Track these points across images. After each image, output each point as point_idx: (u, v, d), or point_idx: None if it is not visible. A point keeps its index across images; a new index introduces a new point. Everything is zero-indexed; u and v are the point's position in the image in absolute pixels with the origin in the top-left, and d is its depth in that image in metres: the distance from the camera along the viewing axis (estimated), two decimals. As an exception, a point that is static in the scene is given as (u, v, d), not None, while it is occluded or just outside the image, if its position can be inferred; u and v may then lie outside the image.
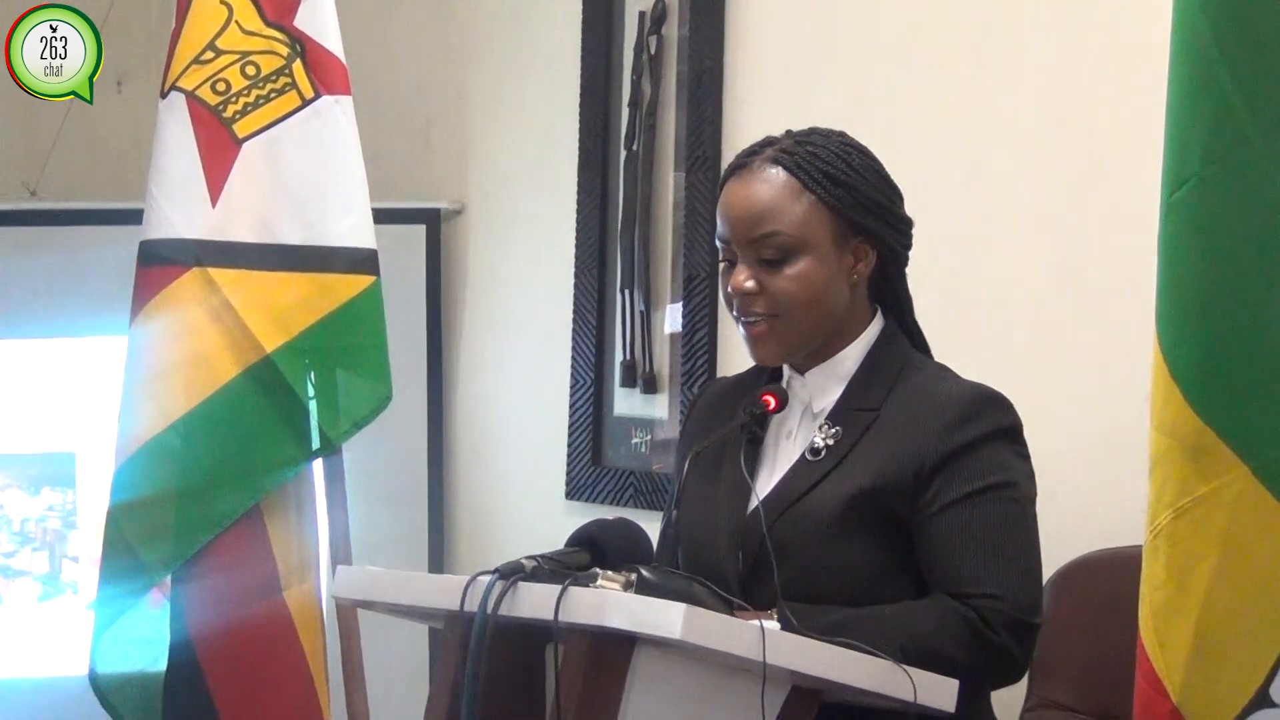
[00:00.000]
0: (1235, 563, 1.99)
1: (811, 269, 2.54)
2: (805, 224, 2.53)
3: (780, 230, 2.53)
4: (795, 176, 2.54)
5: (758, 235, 2.54)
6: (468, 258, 4.63)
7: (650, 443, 4.10)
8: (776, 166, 2.56)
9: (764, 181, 2.55)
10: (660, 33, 4.07)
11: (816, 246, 2.54)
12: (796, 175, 2.54)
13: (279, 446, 3.32)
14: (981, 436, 2.49)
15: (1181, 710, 2.03)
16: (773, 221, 2.53)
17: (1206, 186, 1.99)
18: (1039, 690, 3.03)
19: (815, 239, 2.54)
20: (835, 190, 2.54)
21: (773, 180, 2.55)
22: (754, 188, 2.55)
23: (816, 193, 2.54)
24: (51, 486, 4.40)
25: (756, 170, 2.57)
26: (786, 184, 2.54)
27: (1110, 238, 3.22)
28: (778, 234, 2.53)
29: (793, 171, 2.55)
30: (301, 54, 3.37)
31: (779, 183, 2.55)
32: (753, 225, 2.54)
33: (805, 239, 2.53)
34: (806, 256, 2.54)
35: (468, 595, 2.30)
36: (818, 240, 2.54)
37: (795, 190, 2.54)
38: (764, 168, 2.56)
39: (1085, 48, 3.27)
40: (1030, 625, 2.46)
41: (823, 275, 2.55)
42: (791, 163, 2.55)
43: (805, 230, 2.53)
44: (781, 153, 2.57)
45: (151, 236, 3.35)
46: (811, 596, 2.45)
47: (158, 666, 3.31)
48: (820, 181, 2.54)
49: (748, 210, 2.55)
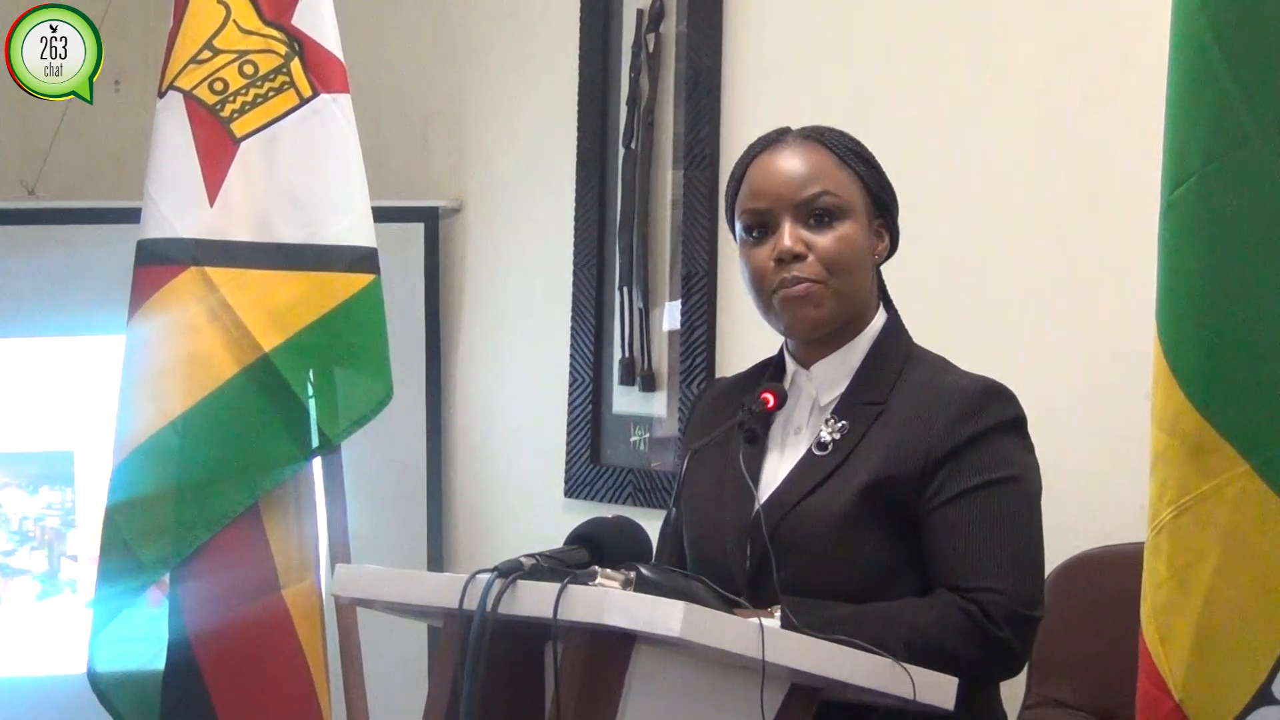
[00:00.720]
0: (1237, 560, 1.98)
1: (855, 233, 2.57)
2: (847, 189, 2.58)
3: (829, 190, 2.56)
4: (831, 150, 2.59)
5: (807, 195, 2.56)
6: (466, 256, 4.63)
7: (649, 440, 4.10)
8: (811, 140, 2.61)
9: (804, 151, 2.59)
10: (658, 30, 4.07)
11: (857, 213, 2.58)
12: (832, 149, 2.60)
13: (277, 445, 3.32)
14: (988, 429, 2.50)
15: (1184, 707, 2.03)
16: (821, 182, 2.57)
17: (1207, 184, 1.99)
18: (1038, 688, 3.03)
19: (856, 206, 2.58)
20: (866, 168, 2.60)
21: (812, 150, 2.60)
22: (796, 156, 2.59)
23: (852, 166, 2.59)
24: (50, 485, 4.40)
25: (792, 143, 2.61)
26: (825, 154, 2.59)
27: (1109, 235, 3.22)
28: (826, 193, 2.56)
29: (827, 146, 2.60)
30: (299, 52, 3.37)
31: (819, 152, 2.59)
32: (801, 186, 2.56)
33: (849, 203, 2.57)
34: (850, 220, 2.57)
35: (467, 593, 2.30)
36: (857, 208, 2.58)
37: (834, 160, 2.59)
38: (798, 141, 2.61)
39: (1083, 47, 3.28)
40: (1031, 619, 2.46)
41: (862, 243, 2.58)
42: (824, 139, 2.61)
43: (848, 195, 2.58)
44: (811, 131, 2.62)
45: (149, 236, 3.34)
46: (819, 591, 2.46)
47: (156, 665, 3.31)
48: (853, 158, 2.60)
49: (794, 173, 2.58)
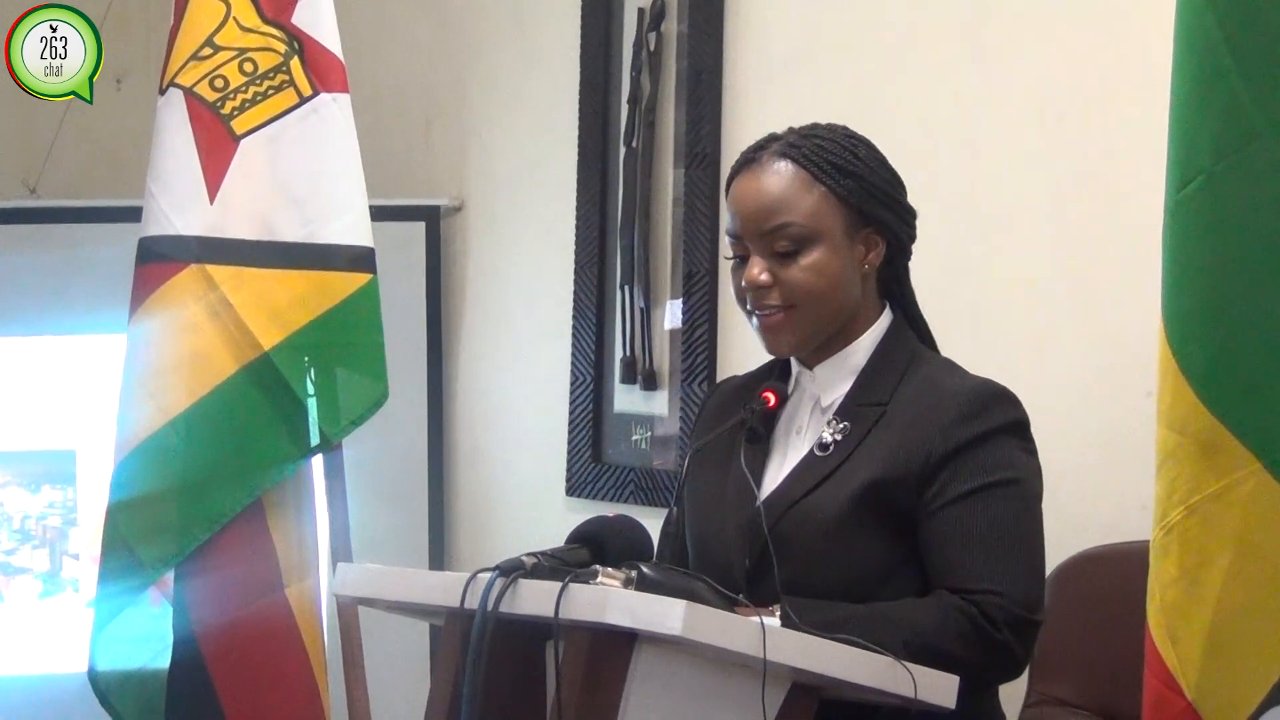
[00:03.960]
0: (1249, 559, 1.98)
1: (825, 259, 2.55)
2: (817, 215, 2.55)
3: (793, 221, 2.54)
4: (804, 169, 2.56)
5: (770, 227, 2.55)
6: (467, 255, 4.63)
7: (650, 439, 4.09)
8: (785, 160, 2.57)
9: (774, 174, 2.56)
10: (659, 29, 4.07)
11: (829, 237, 2.55)
12: (806, 167, 2.56)
13: (277, 444, 3.32)
14: (989, 431, 2.49)
15: (1196, 707, 2.03)
16: (785, 213, 2.54)
17: (1216, 182, 1.98)
18: (1039, 686, 3.03)
19: (827, 230, 2.55)
20: (844, 181, 2.56)
21: (783, 173, 2.56)
22: (764, 181, 2.57)
23: (826, 184, 2.55)
24: (52, 484, 4.39)
25: (765, 164, 2.58)
26: (796, 176, 2.56)
27: (1111, 233, 3.22)
28: (791, 225, 2.54)
29: (801, 164, 2.56)
30: (299, 51, 3.37)
31: (789, 175, 2.56)
32: (765, 218, 2.55)
33: (818, 230, 2.54)
34: (819, 247, 2.55)
35: (468, 592, 2.30)
36: (830, 231, 2.55)
37: (806, 182, 2.55)
38: (772, 161, 2.58)
39: (1087, 43, 3.27)
40: (1031, 622, 2.46)
41: (836, 265, 2.55)
42: (800, 155, 2.57)
43: (817, 221, 2.55)
44: (789, 147, 2.58)
45: (150, 234, 3.34)
46: (818, 591, 2.45)
47: (157, 664, 3.31)
48: (829, 173, 2.56)
49: (759, 203, 2.56)
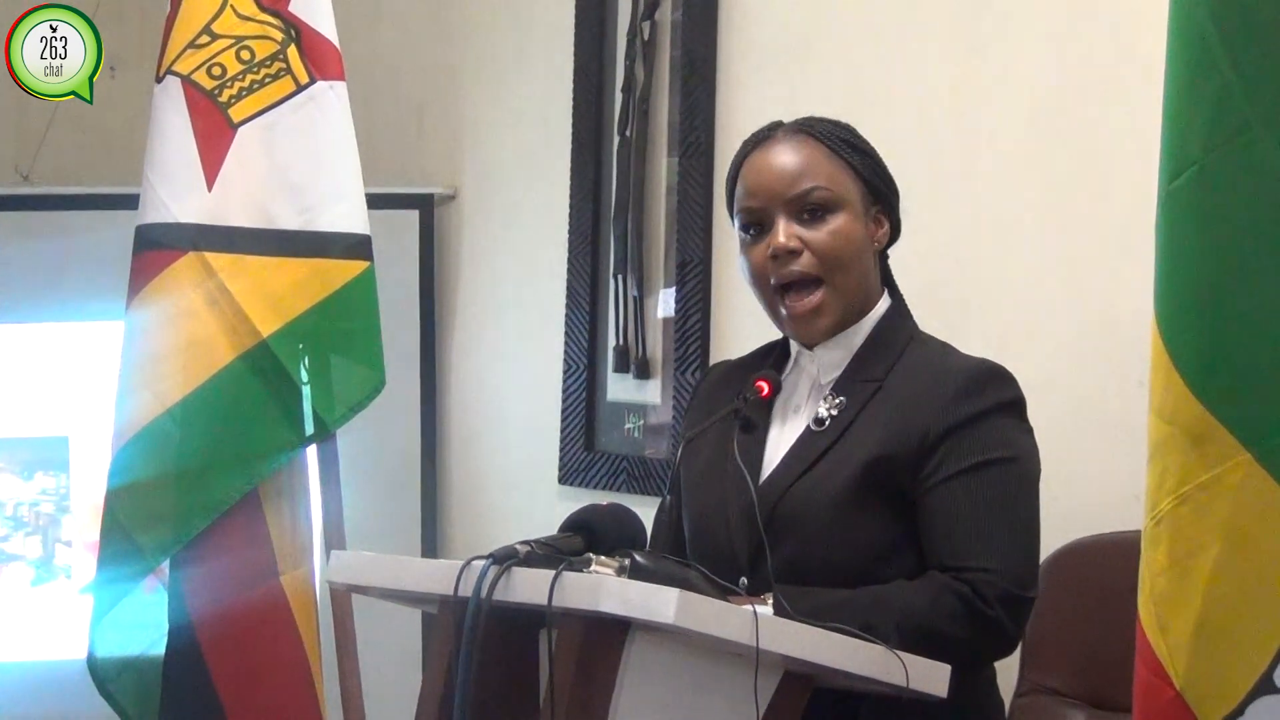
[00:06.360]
0: (1238, 549, 1.98)
1: (849, 225, 2.60)
2: (841, 182, 2.61)
3: (820, 185, 2.59)
4: (823, 143, 2.62)
5: (798, 191, 2.59)
6: (461, 243, 4.63)
7: (643, 427, 4.10)
8: (802, 134, 2.63)
9: (795, 146, 2.62)
10: (653, 18, 4.07)
11: (851, 204, 2.60)
12: (824, 142, 2.62)
13: (274, 431, 3.32)
14: (986, 410, 2.51)
15: (1184, 696, 2.03)
16: (812, 177, 2.60)
17: (1208, 173, 1.98)
18: (1030, 675, 3.03)
19: (849, 197, 2.60)
20: (859, 157, 2.63)
21: (803, 145, 2.62)
22: (786, 153, 2.62)
23: (844, 157, 2.62)
24: (45, 471, 4.40)
25: (782, 139, 2.64)
26: (817, 148, 2.62)
27: (1104, 223, 3.22)
28: (817, 188, 2.59)
29: (819, 139, 2.62)
30: (296, 39, 3.37)
31: (810, 146, 2.62)
32: (792, 182, 2.60)
33: (842, 196, 2.60)
34: (843, 213, 2.60)
35: (461, 580, 2.30)
36: (851, 199, 2.60)
37: (826, 153, 2.62)
38: (789, 136, 2.64)
39: (1081, 35, 3.27)
40: (1023, 599, 2.47)
41: (859, 233, 2.61)
42: (816, 132, 2.63)
43: (841, 188, 2.60)
44: (801, 126, 2.65)
45: (148, 221, 3.34)
46: (819, 568, 2.48)
47: (154, 651, 3.31)
48: (845, 149, 2.62)
49: (785, 170, 2.61)
